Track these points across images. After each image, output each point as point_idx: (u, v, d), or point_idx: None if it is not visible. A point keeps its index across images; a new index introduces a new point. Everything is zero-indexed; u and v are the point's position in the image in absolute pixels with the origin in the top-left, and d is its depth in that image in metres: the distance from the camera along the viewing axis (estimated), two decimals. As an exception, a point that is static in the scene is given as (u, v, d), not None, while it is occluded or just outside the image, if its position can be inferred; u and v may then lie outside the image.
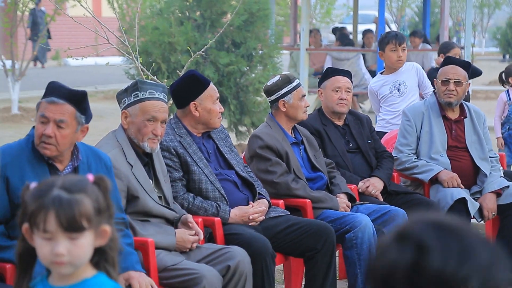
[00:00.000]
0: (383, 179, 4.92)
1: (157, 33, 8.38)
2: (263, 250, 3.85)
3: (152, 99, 3.72)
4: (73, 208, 1.85)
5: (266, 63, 8.94)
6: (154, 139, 3.70)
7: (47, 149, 3.19)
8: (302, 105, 4.59)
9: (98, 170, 3.34)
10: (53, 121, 3.19)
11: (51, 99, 3.22)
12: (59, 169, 3.26)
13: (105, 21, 5.60)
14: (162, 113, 3.72)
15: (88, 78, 17.37)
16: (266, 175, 4.45)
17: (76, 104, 3.23)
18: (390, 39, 5.77)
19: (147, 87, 3.74)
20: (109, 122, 11.30)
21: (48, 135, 3.17)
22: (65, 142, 3.20)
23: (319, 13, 21.74)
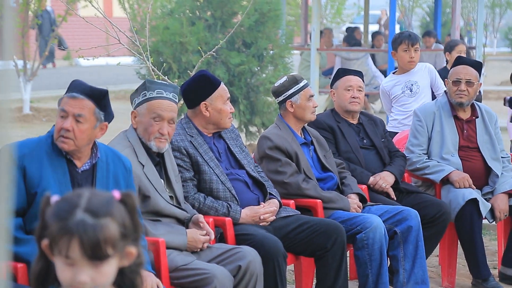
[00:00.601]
0: (394, 173, 4.92)
1: (168, 33, 8.40)
2: (275, 250, 3.85)
3: (160, 98, 3.72)
4: (98, 236, 1.73)
5: (277, 63, 8.95)
6: (161, 138, 3.71)
7: (65, 143, 3.22)
8: (310, 105, 4.58)
9: (117, 171, 3.36)
10: (72, 115, 3.22)
11: (71, 94, 3.26)
12: (77, 166, 3.28)
13: (116, 21, 5.61)
14: (168, 112, 3.72)
15: (99, 78, 17.42)
16: (276, 176, 4.45)
17: (96, 101, 3.27)
18: (403, 39, 5.75)
19: (155, 86, 3.75)
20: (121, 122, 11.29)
21: (66, 129, 3.20)
22: (83, 137, 3.22)
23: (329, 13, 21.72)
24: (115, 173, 3.35)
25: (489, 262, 5.04)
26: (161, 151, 3.76)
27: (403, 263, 4.53)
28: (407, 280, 4.54)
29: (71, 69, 21.14)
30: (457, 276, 5.07)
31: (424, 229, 4.63)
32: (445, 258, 5.05)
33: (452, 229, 4.93)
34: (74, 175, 3.26)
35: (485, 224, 5.47)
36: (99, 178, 3.30)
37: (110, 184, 3.33)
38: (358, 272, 4.42)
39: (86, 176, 3.29)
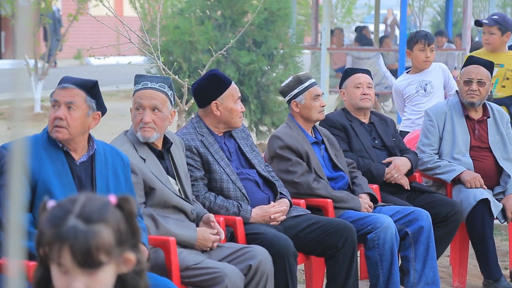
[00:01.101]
0: (410, 159, 4.90)
1: (178, 32, 8.40)
2: (285, 249, 3.84)
3: (143, 89, 3.72)
4: (90, 243, 1.66)
5: (287, 63, 8.94)
6: (145, 127, 3.68)
7: (59, 132, 3.25)
8: (316, 105, 4.57)
9: (115, 164, 3.38)
10: (64, 103, 3.26)
11: (62, 85, 3.31)
12: (74, 158, 3.31)
13: (126, 20, 5.62)
14: (149, 99, 3.68)
15: (109, 77, 17.45)
16: (286, 175, 4.45)
17: (86, 89, 3.31)
18: (420, 39, 5.72)
19: (142, 79, 3.78)
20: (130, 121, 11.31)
21: (59, 117, 3.23)
22: (76, 124, 3.25)
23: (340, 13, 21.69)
24: (114, 166, 3.38)
25: (500, 263, 5.03)
26: (148, 141, 3.71)
27: (414, 264, 4.52)
28: (418, 281, 4.52)
29: (81, 68, 21.19)
30: (468, 277, 5.05)
31: (436, 228, 4.62)
32: (456, 258, 5.03)
33: (463, 229, 4.91)
34: (73, 167, 3.29)
35: (497, 224, 5.45)
36: (98, 170, 3.32)
37: (110, 176, 3.35)
38: (369, 272, 4.41)
39: (85, 168, 3.32)
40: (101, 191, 3.32)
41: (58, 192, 3.21)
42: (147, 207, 3.66)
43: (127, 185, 3.44)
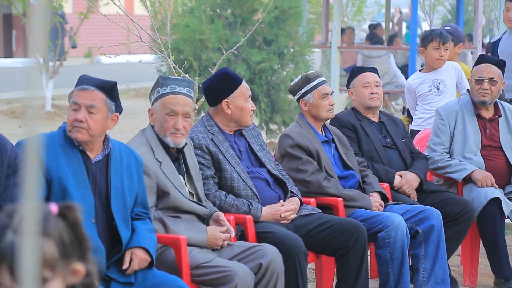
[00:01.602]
0: (420, 176, 4.90)
1: (189, 31, 8.41)
2: (296, 248, 3.84)
3: (173, 93, 3.73)
4: None
5: (297, 61, 8.93)
6: (177, 133, 3.70)
7: (79, 132, 3.26)
8: (325, 103, 4.56)
9: (130, 163, 3.40)
10: (84, 106, 3.26)
11: (82, 87, 3.31)
12: (90, 157, 3.31)
13: (137, 19, 5.62)
14: (182, 106, 3.71)
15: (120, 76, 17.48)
16: (297, 174, 4.44)
17: (106, 91, 3.31)
18: (434, 37, 5.70)
19: (168, 82, 3.76)
20: (141, 119, 11.35)
21: (80, 120, 3.24)
22: (96, 127, 3.26)
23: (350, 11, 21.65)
24: (128, 165, 3.39)
25: (512, 262, 5.01)
26: (178, 146, 3.76)
27: (424, 262, 4.51)
28: (427, 280, 4.51)
29: (92, 66, 21.24)
30: (479, 276, 5.04)
31: (448, 227, 4.61)
32: (467, 258, 5.02)
33: (474, 228, 4.90)
34: (88, 166, 3.30)
35: (508, 224, 5.43)
36: (113, 168, 3.33)
37: (124, 174, 3.36)
38: (379, 270, 4.40)
39: (100, 167, 3.33)
40: (115, 190, 3.34)
41: (73, 190, 3.22)
42: (157, 210, 3.67)
43: (139, 184, 3.45)
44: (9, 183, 3.08)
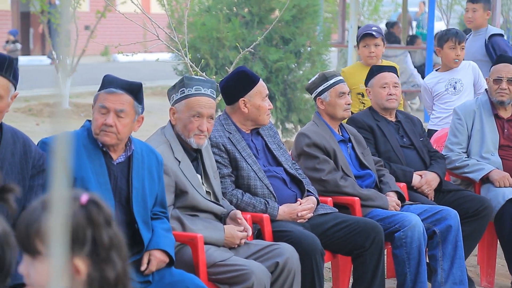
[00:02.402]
0: (440, 175, 4.88)
1: (205, 29, 8.41)
2: (312, 247, 3.84)
3: (198, 95, 3.73)
4: (30, 226, 1.63)
5: (314, 60, 8.92)
6: (201, 135, 3.72)
7: (107, 136, 3.26)
8: (341, 102, 4.55)
9: (151, 164, 3.41)
10: (113, 111, 3.26)
11: (110, 90, 3.29)
12: (112, 158, 3.31)
13: (153, 17, 5.63)
14: (207, 108, 3.73)
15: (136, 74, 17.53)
16: (314, 173, 4.44)
17: (134, 94, 3.30)
18: (450, 37, 5.68)
19: (193, 83, 3.76)
20: (157, 117, 11.38)
21: (109, 125, 3.24)
22: (124, 131, 3.28)
23: (367, 10, 21.59)
24: (149, 166, 3.40)
25: (529, 263, 4.98)
26: (200, 147, 3.77)
27: (441, 263, 4.49)
28: (445, 280, 4.49)
29: (108, 64, 21.31)
30: (496, 276, 5.01)
31: (466, 224, 4.59)
32: (484, 258, 5.00)
33: (491, 228, 4.88)
34: (110, 167, 3.31)
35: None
36: (135, 170, 3.33)
37: (145, 175, 3.37)
38: (396, 270, 4.39)
39: (121, 169, 3.33)
40: (136, 192, 3.34)
41: (95, 191, 3.21)
42: (175, 209, 3.68)
43: (159, 184, 3.46)
44: (33, 183, 3.08)
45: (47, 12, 12.00)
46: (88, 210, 1.63)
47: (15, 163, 3.04)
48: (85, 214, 1.63)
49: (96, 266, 1.63)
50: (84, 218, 1.62)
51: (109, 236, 1.65)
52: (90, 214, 1.63)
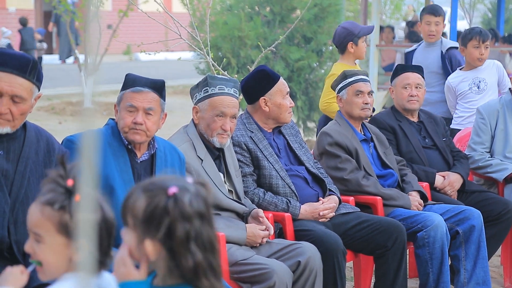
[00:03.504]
0: (463, 176, 4.85)
1: (227, 28, 8.43)
2: (334, 246, 3.83)
3: (222, 94, 3.74)
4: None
5: (336, 59, 8.89)
6: (223, 134, 3.73)
7: (137, 134, 3.28)
8: (358, 101, 4.53)
9: (174, 162, 3.42)
10: (142, 109, 3.28)
11: (136, 89, 3.30)
12: (137, 156, 3.33)
13: (175, 16, 5.64)
14: (231, 108, 3.73)
15: (157, 73, 17.60)
16: (336, 172, 4.43)
17: (159, 92, 3.31)
18: (474, 36, 5.64)
19: (217, 82, 3.77)
20: (179, 116, 11.41)
21: (140, 123, 3.25)
22: (153, 128, 3.31)
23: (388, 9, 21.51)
24: (172, 164, 3.41)
25: (553, 264, 4.93)
26: (223, 147, 3.78)
27: (464, 263, 4.46)
28: (468, 281, 4.46)
29: (130, 63, 21.40)
30: (519, 277, 4.97)
31: (488, 227, 4.55)
32: (508, 258, 4.96)
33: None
34: (134, 165, 3.32)
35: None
36: (158, 168, 3.35)
37: (169, 173, 3.37)
38: (419, 270, 4.37)
39: (145, 167, 3.35)
40: None
41: (119, 188, 3.23)
42: None
43: None
44: None
45: (70, 11, 12.07)
46: (170, 201, 1.80)
47: (39, 161, 3.05)
48: (165, 204, 1.80)
49: (171, 255, 1.80)
50: (163, 207, 1.79)
51: (186, 230, 1.80)
52: (169, 205, 1.80)
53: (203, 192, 1.85)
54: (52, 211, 1.89)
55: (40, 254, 1.90)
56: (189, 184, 1.85)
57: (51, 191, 1.91)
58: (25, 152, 3.02)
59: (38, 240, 1.90)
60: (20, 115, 2.94)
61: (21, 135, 3.02)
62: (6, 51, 2.98)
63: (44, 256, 1.90)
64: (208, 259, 1.82)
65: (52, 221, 1.89)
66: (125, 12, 11.81)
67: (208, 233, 1.83)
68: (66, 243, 1.90)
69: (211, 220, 1.85)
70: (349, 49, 5.51)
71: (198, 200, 1.83)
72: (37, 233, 1.90)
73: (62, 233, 1.89)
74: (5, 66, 2.91)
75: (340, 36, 5.51)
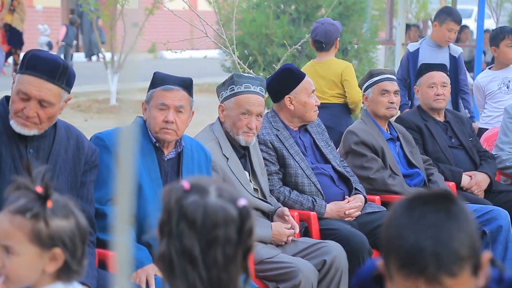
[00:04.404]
0: (490, 176, 4.81)
1: (255, 25, 8.43)
2: (360, 246, 3.82)
3: (247, 92, 3.74)
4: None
5: (361, 58, 8.87)
6: (249, 133, 3.73)
7: (168, 134, 3.28)
8: (383, 100, 4.51)
9: (200, 160, 3.42)
10: (173, 107, 3.28)
11: (167, 87, 3.31)
12: (164, 154, 3.33)
13: (200, 14, 5.66)
14: (257, 106, 3.73)
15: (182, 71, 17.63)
16: (361, 171, 4.42)
17: (188, 90, 3.32)
18: (506, 35, 5.60)
19: (243, 80, 3.77)
20: (204, 114, 11.43)
21: (171, 121, 3.26)
22: (183, 127, 3.32)
23: (415, 7, 21.39)
24: (199, 162, 3.41)
25: None
26: (248, 145, 3.78)
27: (491, 264, 4.42)
28: (495, 281, 4.43)
29: (156, 61, 21.49)
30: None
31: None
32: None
33: (542, 229, 4.79)
34: (161, 163, 3.32)
35: None
36: (185, 166, 3.35)
37: (195, 172, 3.38)
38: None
39: (172, 164, 3.35)
40: None
41: (147, 186, 3.24)
42: None
43: None
44: (85, 180, 3.10)
45: (95, 9, 12.13)
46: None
47: (68, 159, 3.07)
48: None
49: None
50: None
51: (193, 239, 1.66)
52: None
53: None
54: (23, 220, 1.81)
55: (10, 266, 1.82)
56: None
57: (20, 199, 1.82)
58: (55, 149, 3.03)
59: (9, 251, 1.82)
60: (48, 119, 2.95)
61: (51, 133, 3.04)
62: (38, 54, 2.97)
63: (15, 268, 1.82)
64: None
65: (24, 230, 1.81)
66: (151, 10, 11.84)
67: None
68: (40, 253, 1.82)
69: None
70: (335, 46, 5.53)
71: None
72: (7, 244, 1.82)
73: (35, 243, 1.81)
74: (35, 71, 2.91)
75: (328, 34, 5.48)
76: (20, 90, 2.91)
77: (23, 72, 2.93)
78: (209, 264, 1.63)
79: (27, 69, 2.93)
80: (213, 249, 1.64)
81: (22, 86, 2.91)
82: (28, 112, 2.90)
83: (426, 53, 5.94)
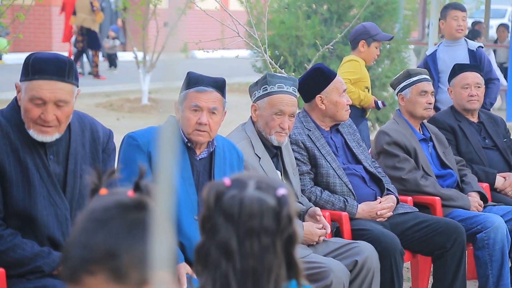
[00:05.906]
0: None
1: (285, 27, 8.43)
2: (392, 246, 3.80)
3: (281, 92, 3.74)
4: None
5: (393, 58, 8.82)
6: (282, 133, 3.73)
7: (201, 136, 3.29)
8: (422, 101, 4.48)
9: (232, 159, 3.42)
10: (207, 109, 3.28)
11: (200, 88, 3.31)
12: (196, 153, 3.34)
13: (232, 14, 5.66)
14: (289, 106, 3.73)
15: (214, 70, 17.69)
16: (394, 172, 4.39)
17: (221, 91, 3.33)
18: None
19: (276, 80, 3.77)
20: (235, 114, 11.46)
21: (204, 123, 3.26)
22: (216, 128, 3.32)
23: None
24: (231, 161, 3.41)
25: None
26: (281, 145, 3.78)
27: (525, 266, 4.38)
28: (528, 284, 4.38)
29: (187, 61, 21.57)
30: None
31: None
32: None
33: None
34: (193, 163, 3.33)
35: None
36: (217, 165, 3.35)
37: (227, 171, 3.38)
38: (478, 272, 4.30)
39: (203, 164, 3.35)
40: None
41: (179, 186, 3.25)
42: None
43: None
44: (106, 169, 3.10)
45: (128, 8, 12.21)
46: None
47: (86, 154, 3.04)
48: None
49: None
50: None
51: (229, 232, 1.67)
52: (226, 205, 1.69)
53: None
54: None
55: None
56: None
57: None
58: (72, 148, 3.00)
59: None
60: (65, 118, 2.91)
61: (66, 132, 2.99)
62: (39, 56, 2.91)
63: None
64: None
65: None
66: (183, 10, 11.89)
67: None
68: None
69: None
70: (360, 47, 5.50)
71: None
72: None
73: None
74: (44, 73, 2.87)
75: (356, 32, 5.52)
76: (34, 96, 2.85)
77: (30, 78, 2.88)
78: (245, 254, 1.65)
79: (34, 74, 2.87)
80: (249, 239, 1.65)
81: (35, 92, 2.86)
82: (47, 117, 2.86)
83: (444, 53, 5.88)
